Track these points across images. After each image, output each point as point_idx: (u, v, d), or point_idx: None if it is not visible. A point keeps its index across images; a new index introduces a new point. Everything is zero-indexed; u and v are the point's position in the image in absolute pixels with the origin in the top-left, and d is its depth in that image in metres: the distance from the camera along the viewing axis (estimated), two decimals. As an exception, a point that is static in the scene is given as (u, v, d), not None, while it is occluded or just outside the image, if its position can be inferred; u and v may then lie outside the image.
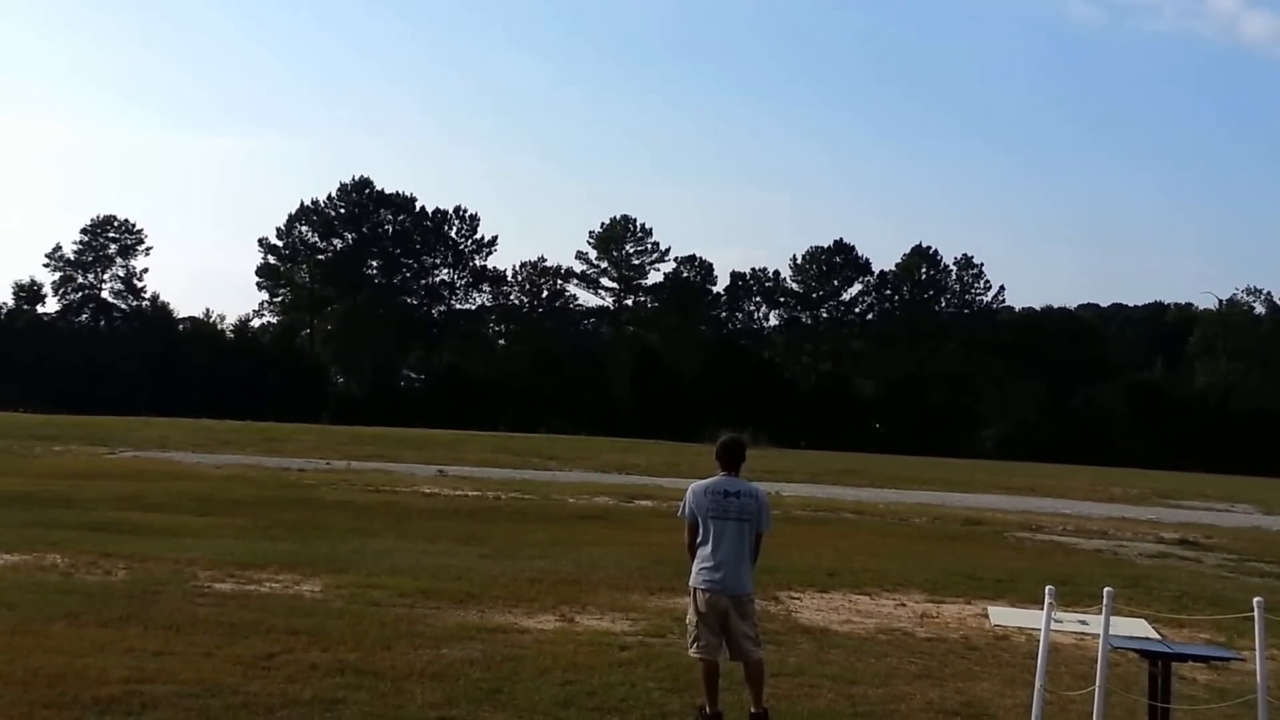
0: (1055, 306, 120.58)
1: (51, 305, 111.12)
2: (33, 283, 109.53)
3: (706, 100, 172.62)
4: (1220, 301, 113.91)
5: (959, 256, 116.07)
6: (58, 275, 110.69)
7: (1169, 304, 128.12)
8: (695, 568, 9.25)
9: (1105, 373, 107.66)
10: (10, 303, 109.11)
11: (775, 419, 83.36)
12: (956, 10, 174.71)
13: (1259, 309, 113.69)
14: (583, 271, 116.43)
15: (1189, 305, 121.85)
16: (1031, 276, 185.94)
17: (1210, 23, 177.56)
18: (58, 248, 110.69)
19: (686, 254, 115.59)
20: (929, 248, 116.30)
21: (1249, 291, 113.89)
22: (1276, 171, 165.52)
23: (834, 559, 20.54)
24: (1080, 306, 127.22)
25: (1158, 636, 9.79)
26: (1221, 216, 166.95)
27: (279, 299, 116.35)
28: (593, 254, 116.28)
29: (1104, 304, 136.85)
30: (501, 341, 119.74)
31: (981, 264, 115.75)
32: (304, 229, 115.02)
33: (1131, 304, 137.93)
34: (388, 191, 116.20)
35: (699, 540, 9.24)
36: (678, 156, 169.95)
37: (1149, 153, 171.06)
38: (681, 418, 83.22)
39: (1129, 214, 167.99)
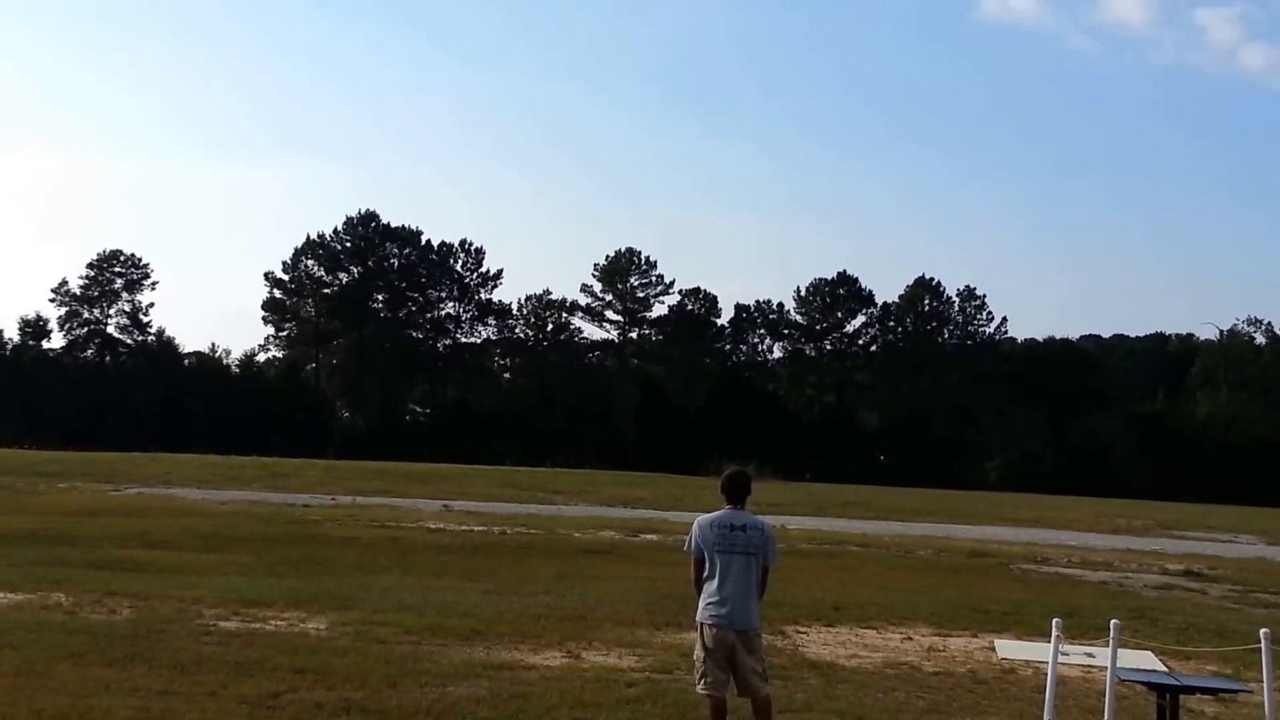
0: (1057, 338, 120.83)
1: (57, 340, 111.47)
2: (38, 318, 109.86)
3: (708, 133, 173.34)
4: (1221, 332, 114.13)
5: (961, 288, 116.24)
6: (63, 310, 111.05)
7: (1170, 335, 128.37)
8: (702, 603, 9.26)
9: (1108, 403, 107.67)
10: (16, 338, 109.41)
11: (780, 451, 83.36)
12: (956, 44, 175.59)
13: (1260, 339, 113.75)
14: (587, 304, 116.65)
15: (1190, 336, 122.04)
16: (1033, 308, 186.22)
17: (1209, 55, 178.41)
18: (63, 282, 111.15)
19: (690, 286, 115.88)
20: (932, 279, 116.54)
21: (1250, 322, 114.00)
22: (1277, 202, 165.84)
23: (840, 593, 20.52)
24: (1082, 338, 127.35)
25: (1164, 669, 9.80)
26: (1222, 247, 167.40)
27: (284, 333, 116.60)
28: (597, 287, 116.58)
29: (1105, 335, 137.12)
30: (507, 375, 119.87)
31: (984, 295, 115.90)
32: (310, 263, 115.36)
33: (1133, 335, 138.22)
34: (394, 225, 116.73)
35: (705, 575, 9.26)
36: (681, 188, 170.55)
37: (1149, 183, 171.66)
38: (686, 450, 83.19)
39: (1130, 245, 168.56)
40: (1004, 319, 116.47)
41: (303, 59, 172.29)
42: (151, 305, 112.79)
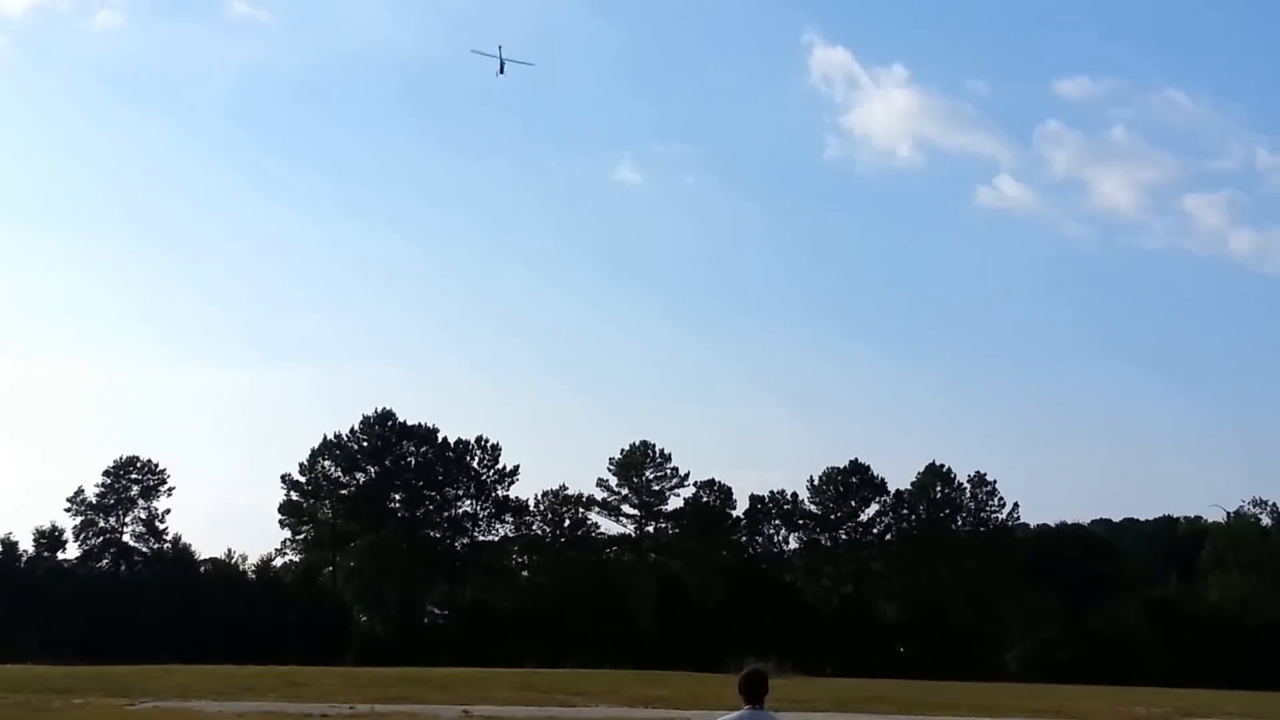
0: (1069, 523, 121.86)
1: (72, 550, 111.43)
2: (53, 528, 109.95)
3: (720, 322, 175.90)
4: (1228, 514, 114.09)
5: (972, 474, 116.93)
6: (79, 520, 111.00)
7: (1179, 517, 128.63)
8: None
9: (1122, 588, 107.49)
10: (31, 549, 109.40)
11: (799, 644, 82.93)
12: (960, 232, 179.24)
13: (1266, 521, 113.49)
14: (603, 499, 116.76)
15: (1198, 518, 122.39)
16: (1043, 492, 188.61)
17: (1199, 240, 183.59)
18: (79, 491, 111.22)
19: (705, 478, 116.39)
20: (942, 466, 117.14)
21: (1255, 503, 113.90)
22: (1274, 381, 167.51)
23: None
24: (1093, 522, 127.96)
25: None
26: (1224, 427, 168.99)
27: (301, 536, 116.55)
28: (613, 481, 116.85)
29: (1116, 519, 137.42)
30: (525, 573, 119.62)
31: (994, 481, 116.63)
32: (326, 464, 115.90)
33: (1142, 518, 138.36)
34: (410, 423, 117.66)
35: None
36: (693, 379, 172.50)
37: (1148, 366, 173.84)
38: (706, 646, 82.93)
39: (1134, 428, 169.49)
40: (1015, 504, 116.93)
41: (319, 261, 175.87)
42: (168, 511, 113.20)
